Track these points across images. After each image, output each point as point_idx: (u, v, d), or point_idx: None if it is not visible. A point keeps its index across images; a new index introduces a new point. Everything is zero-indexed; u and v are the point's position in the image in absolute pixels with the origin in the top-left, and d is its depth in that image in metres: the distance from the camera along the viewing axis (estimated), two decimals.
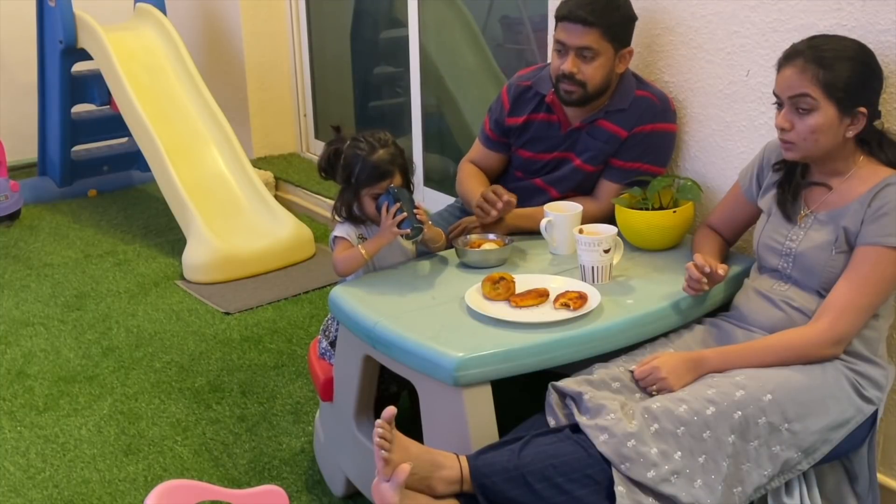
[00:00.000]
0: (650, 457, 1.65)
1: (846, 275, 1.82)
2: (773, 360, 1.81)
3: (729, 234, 2.19)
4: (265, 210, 3.94)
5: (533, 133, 2.44)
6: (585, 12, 2.21)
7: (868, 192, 1.82)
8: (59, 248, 4.03)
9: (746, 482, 1.72)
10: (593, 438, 1.68)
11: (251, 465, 2.45)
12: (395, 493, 1.64)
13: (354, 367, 2.07)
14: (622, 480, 1.65)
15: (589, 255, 2.04)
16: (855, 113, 1.80)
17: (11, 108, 5.07)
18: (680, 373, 1.80)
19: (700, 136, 2.40)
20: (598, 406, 1.72)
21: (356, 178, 2.14)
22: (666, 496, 1.65)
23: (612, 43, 2.25)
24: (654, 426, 1.68)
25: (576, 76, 2.26)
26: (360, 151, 2.15)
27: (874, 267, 1.79)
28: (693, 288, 1.95)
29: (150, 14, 4.41)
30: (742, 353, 1.84)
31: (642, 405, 1.73)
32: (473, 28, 3.98)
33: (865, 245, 1.80)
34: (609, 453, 1.66)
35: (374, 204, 2.15)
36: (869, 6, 1.96)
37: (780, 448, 1.74)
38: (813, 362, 1.81)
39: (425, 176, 4.08)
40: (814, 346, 1.81)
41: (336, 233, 2.21)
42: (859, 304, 1.80)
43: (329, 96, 4.86)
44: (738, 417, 1.71)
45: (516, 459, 1.68)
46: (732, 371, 1.83)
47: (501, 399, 1.83)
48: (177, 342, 3.14)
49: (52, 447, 2.56)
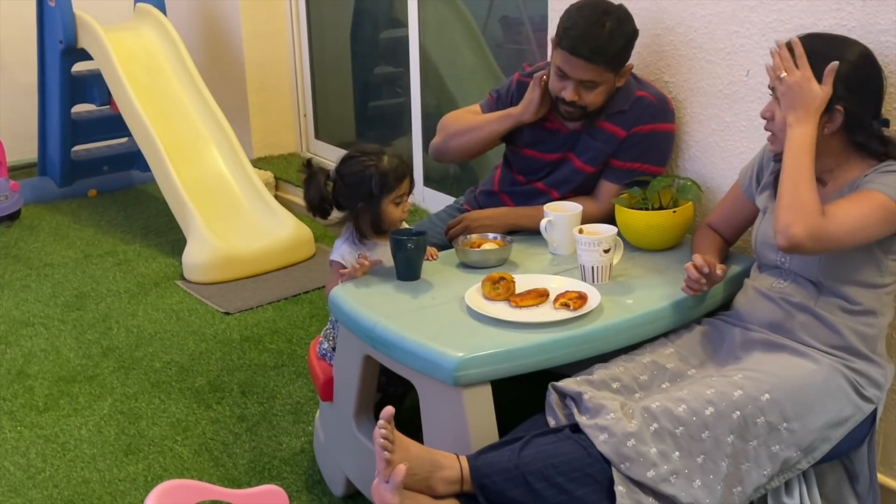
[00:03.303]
0: (650, 456, 1.66)
1: (838, 202, 1.78)
2: (797, 170, 1.76)
3: (729, 234, 2.19)
4: (265, 210, 3.94)
5: (534, 134, 2.44)
6: (589, 50, 2.18)
7: (861, 174, 1.82)
8: (59, 248, 4.03)
9: (746, 482, 1.72)
10: (593, 438, 1.68)
11: (251, 465, 2.45)
12: (393, 494, 1.64)
13: (354, 367, 2.07)
14: (622, 480, 1.65)
15: (589, 255, 2.04)
16: (833, 110, 1.79)
17: (11, 108, 5.07)
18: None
19: (700, 136, 2.40)
20: (597, 406, 1.72)
21: (379, 189, 2.09)
22: (666, 496, 1.66)
23: (614, 71, 2.25)
24: (653, 426, 1.68)
25: (577, 103, 2.27)
26: (370, 164, 2.11)
27: (866, 202, 1.75)
28: (692, 288, 1.95)
29: (150, 14, 4.41)
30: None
31: (642, 405, 1.73)
32: (473, 28, 3.99)
33: (866, 189, 1.78)
34: (609, 453, 1.66)
35: (397, 209, 2.13)
36: (869, 6, 1.96)
37: (779, 447, 1.74)
38: (784, 224, 1.75)
39: (425, 176, 4.08)
40: (816, 210, 1.74)
41: (333, 256, 2.19)
42: (846, 224, 1.74)
43: (329, 96, 4.86)
44: (737, 417, 1.71)
45: (516, 459, 1.68)
46: (730, 369, 1.83)
47: (501, 399, 1.83)
48: (177, 342, 3.15)
49: (52, 447, 2.56)
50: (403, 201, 2.15)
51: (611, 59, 2.22)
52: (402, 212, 2.16)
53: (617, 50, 2.22)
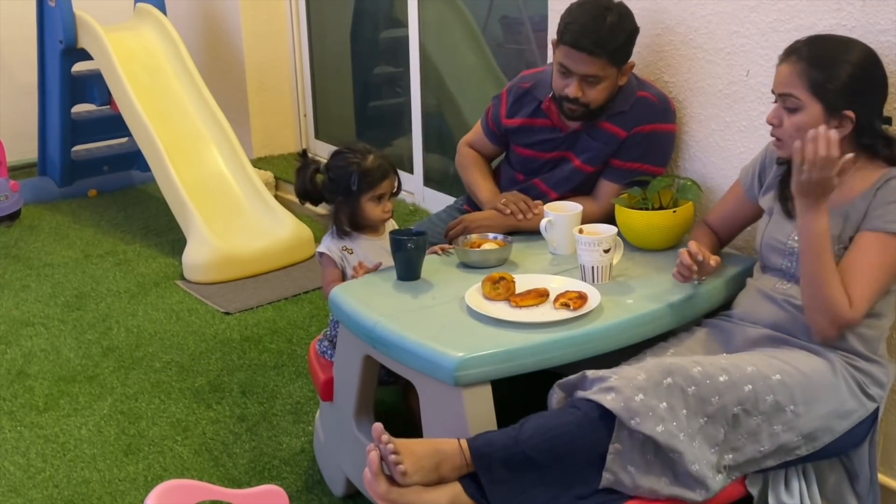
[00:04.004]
0: (659, 411, 1.66)
1: (851, 261, 1.80)
2: (814, 268, 1.76)
3: (725, 233, 2.19)
4: (265, 210, 3.94)
5: (533, 136, 2.44)
6: (591, 42, 2.19)
7: (871, 186, 1.82)
8: (59, 248, 4.03)
9: (740, 452, 1.74)
10: (600, 400, 1.67)
11: (251, 465, 2.45)
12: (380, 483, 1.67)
13: (354, 367, 2.07)
14: (621, 437, 1.66)
15: (589, 255, 2.04)
16: (842, 116, 1.79)
17: (11, 108, 5.07)
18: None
19: (700, 136, 2.40)
20: (600, 376, 1.72)
21: (357, 186, 2.18)
22: (673, 452, 1.66)
23: (617, 66, 2.26)
24: (667, 380, 1.69)
25: (580, 100, 2.27)
26: (353, 161, 2.19)
27: (879, 255, 1.78)
28: (682, 274, 1.95)
29: (150, 14, 4.41)
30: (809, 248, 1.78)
31: (656, 359, 1.73)
32: (473, 28, 3.99)
33: (869, 231, 1.80)
34: (618, 409, 1.65)
35: (377, 208, 2.21)
36: (869, 6, 1.96)
37: (781, 428, 1.76)
38: (816, 332, 1.81)
39: (425, 176, 4.08)
40: (839, 310, 1.76)
41: (320, 248, 2.27)
42: (871, 288, 1.78)
43: (329, 96, 4.86)
44: (748, 391, 1.73)
45: (516, 435, 1.70)
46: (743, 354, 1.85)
47: (501, 399, 1.83)
48: (177, 342, 3.15)
49: (52, 447, 2.56)
50: (384, 201, 2.22)
51: (613, 52, 2.22)
52: (384, 211, 2.22)
53: (619, 44, 2.23)
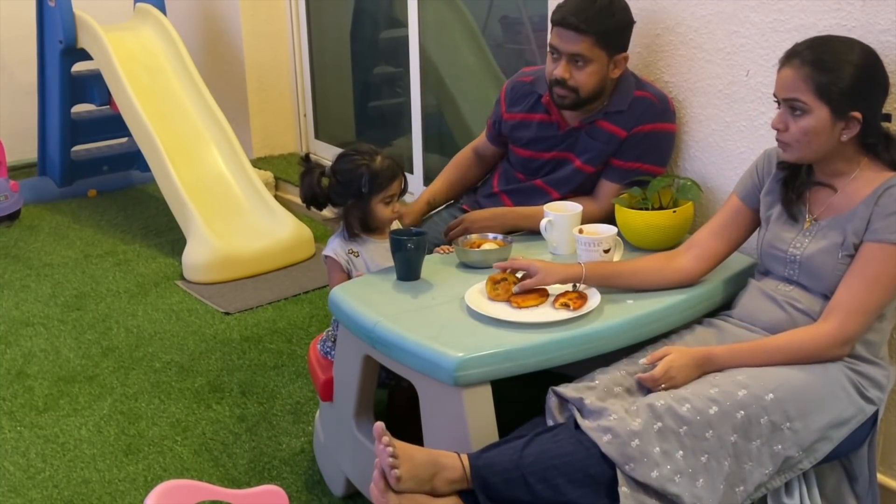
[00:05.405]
0: (654, 456, 1.65)
1: (853, 274, 1.80)
2: (781, 360, 1.81)
3: (724, 248, 2.07)
4: (265, 210, 3.94)
5: (532, 132, 2.44)
6: (578, 20, 2.20)
7: (873, 193, 1.81)
8: (59, 248, 4.03)
9: (748, 481, 1.72)
10: (597, 440, 1.67)
11: (251, 465, 2.45)
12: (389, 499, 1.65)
13: (354, 367, 2.07)
14: (626, 481, 1.65)
15: (589, 255, 2.04)
16: (849, 117, 1.79)
17: (11, 108, 5.07)
18: (689, 370, 1.80)
19: (700, 136, 2.40)
20: (599, 409, 1.71)
21: (368, 189, 2.17)
22: (669, 496, 1.65)
23: (606, 50, 2.25)
24: (657, 424, 1.68)
25: (567, 82, 2.27)
26: (362, 163, 2.18)
27: (883, 265, 1.78)
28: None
29: (149, 14, 4.41)
30: (751, 352, 1.84)
31: (646, 402, 1.72)
32: (473, 28, 3.98)
33: (872, 242, 1.79)
34: (613, 454, 1.65)
35: (387, 209, 2.20)
36: (869, 6, 1.96)
37: (781, 447, 1.74)
38: (820, 362, 1.81)
39: (425, 176, 4.08)
40: (824, 346, 1.80)
41: (326, 251, 2.25)
42: (868, 303, 1.79)
43: (329, 96, 4.86)
44: (741, 417, 1.71)
45: (518, 459, 1.68)
46: (734, 369, 1.83)
47: (501, 399, 1.83)
48: (177, 342, 3.15)
49: (52, 447, 2.56)
50: (393, 202, 2.22)
51: (601, 34, 2.22)
52: (392, 212, 2.22)
53: (608, 27, 2.23)
